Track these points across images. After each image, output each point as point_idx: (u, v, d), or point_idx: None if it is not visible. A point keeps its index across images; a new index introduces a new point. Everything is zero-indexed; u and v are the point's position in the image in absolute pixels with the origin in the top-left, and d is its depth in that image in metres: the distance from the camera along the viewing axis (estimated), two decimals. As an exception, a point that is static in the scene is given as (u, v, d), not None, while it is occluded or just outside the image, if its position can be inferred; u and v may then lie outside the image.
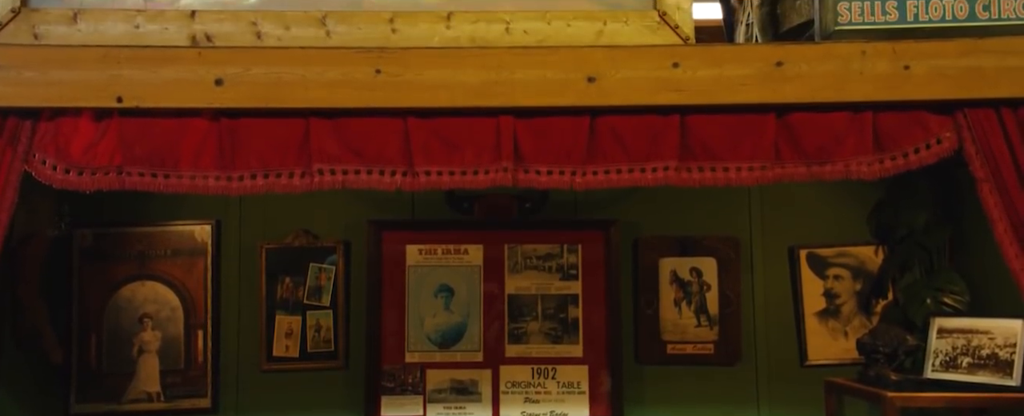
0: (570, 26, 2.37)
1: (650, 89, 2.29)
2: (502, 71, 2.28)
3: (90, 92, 2.21)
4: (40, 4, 2.32)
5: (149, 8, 2.33)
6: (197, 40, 2.31)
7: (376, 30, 2.35)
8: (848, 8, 2.36)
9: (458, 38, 2.35)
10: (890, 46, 2.28)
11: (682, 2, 2.37)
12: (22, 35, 2.28)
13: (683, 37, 2.35)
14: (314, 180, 2.29)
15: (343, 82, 2.26)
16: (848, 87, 2.27)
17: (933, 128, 2.29)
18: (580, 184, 2.33)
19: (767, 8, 2.70)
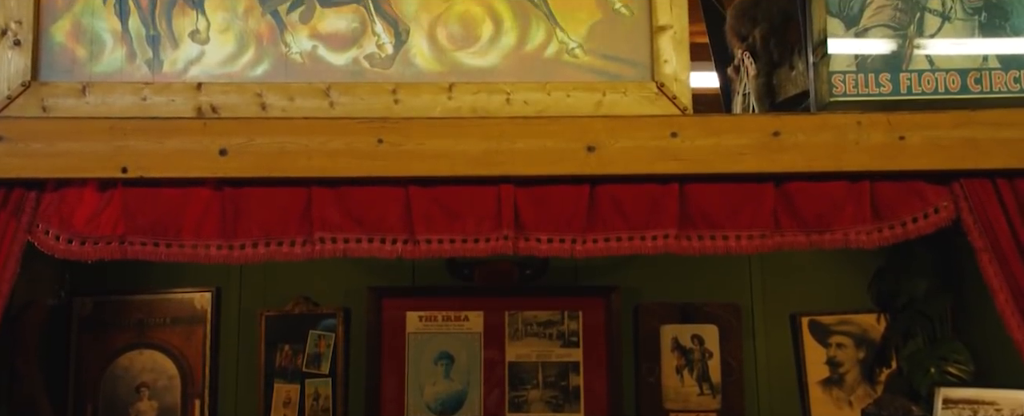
0: (570, 97, 2.41)
1: (649, 158, 2.32)
2: (503, 140, 2.31)
3: (96, 163, 2.24)
4: (50, 78, 2.36)
5: (157, 81, 2.38)
6: (203, 111, 2.35)
7: (379, 101, 2.38)
8: (842, 80, 2.41)
9: (459, 108, 2.39)
10: (885, 117, 2.31)
11: (679, 73, 2.41)
12: (31, 108, 2.31)
13: (681, 107, 2.39)
14: (315, 248, 2.30)
15: (345, 151, 2.29)
16: (845, 157, 2.30)
17: (930, 198, 2.31)
18: (581, 252, 2.33)
19: (763, 79, 2.76)
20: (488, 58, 2.43)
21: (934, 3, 2.44)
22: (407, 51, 2.42)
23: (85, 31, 2.39)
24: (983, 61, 2.41)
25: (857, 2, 2.44)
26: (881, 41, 2.42)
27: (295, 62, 2.41)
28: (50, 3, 2.39)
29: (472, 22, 2.44)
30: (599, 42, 2.43)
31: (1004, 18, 2.42)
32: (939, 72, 2.41)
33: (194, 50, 2.40)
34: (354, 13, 2.43)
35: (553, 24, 2.44)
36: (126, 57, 2.39)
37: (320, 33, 2.42)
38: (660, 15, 2.42)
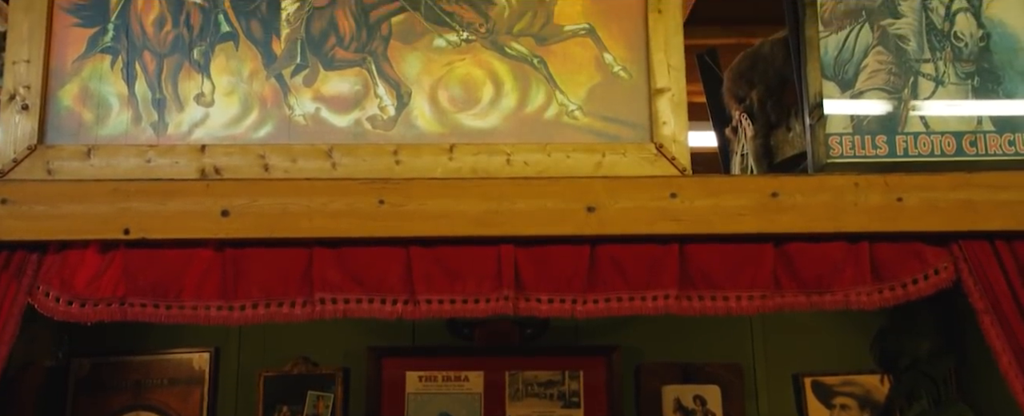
0: (569, 158, 2.43)
1: (649, 219, 2.33)
2: (503, 201, 2.32)
3: (98, 225, 2.25)
4: (56, 140, 2.38)
5: (161, 143, 2.40)
6: (206, 173, 2.37)
7: (380, 162, 2.41)
8: (839, 142, 2.44)
9: (460, 169, 2.41)
10: (882, 179, 2.33)
11: (678, 135, 2.44)
12: (36, 171, 2.34)
13: (680, 168, 2.41)
14: (316, 309, 2.30)
15: (347, 212, 2.30)
16: (843, 218, 2.31)
17: (930, 259, 2.31)
18: (581, 313, 2.33)
19: (760, 140, 2.78)
20: (489, 120, 2.46)
21: (927, 68, 2.49)
22: (409, 113, 2.45)
23: (92, 95, 2.43)
24: (978, 124, 2.44)
25: (852, 65, 2.49)
26: (876, 104, 2.46)
27: (298, 124, 2.44)
28: (59, 68, 2.43)
29: (473, 84, 2.47)
30: (598, 104, 2.46)
31: (996, 82, 2.47)
32: (934, 135, 2.44)
33: (199, 113, 2.44)
34: (357, 76, 2.47)
35: (553, 86, 2.48)
36: (132, 120, 2.43)
37: (323, 95, 2.46)
38: (658, 78, 2.46)
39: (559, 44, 2.50)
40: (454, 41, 2.49)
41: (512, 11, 2.51)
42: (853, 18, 2.52)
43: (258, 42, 2.47)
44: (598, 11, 2.51)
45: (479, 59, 2.48)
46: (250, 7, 2.50)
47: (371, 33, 2.49)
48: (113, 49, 2.46)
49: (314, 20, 2.49)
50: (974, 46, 2.48)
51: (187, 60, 2.46)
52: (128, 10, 2.49)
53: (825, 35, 2.49)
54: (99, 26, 2.46)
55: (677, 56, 2.46)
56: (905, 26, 2.51)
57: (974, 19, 2.50)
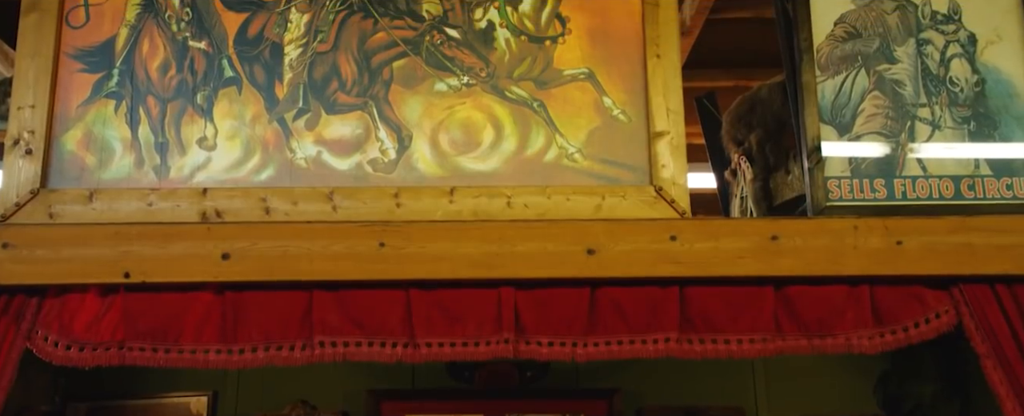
0: (569, 200, 2.44)
1: (649, 261, 2.33)
2: (503, 244, 2.32)
3: (99, 269, 2.25)
4: (58, 185, 2.40)
5: (163, 187, 2.42)
6: (207, 216, 2.37)
7: (381, 205, 2.41)
8: (838, 185, 2.45)
9: (460, 212, 2.42)
10: (882, 222, 2.34)
11: (677, 177, 2.45)
12: (38, 215, 2.34)
13: (679, 211, 2.42)
14: (315, 353, 2.28)
15: (347, 255, 2.30)
16: (843, 261, 2.31)
17: (930, 303, 2.31)
18: (582, 356, 2.32)
19: (760, 183, 2.80)
20: (489, 162, 2.48)
21: (924, 112, 2.51)
22: (409, 156, 2.47)
23: (96, 139, 2.45)
24: (975, 168, 2.46)
25: (849, 110, 2.51)
26: (874, 148, 2.48)
27: (300, 167, 2.45)
28: (63, 113, 2.46)
29: (473, 128, 2.49)
30: (598, 147, 2.48)
31: (993, 127, 2.49)
32: (932, 178, 2.46)
33: (201, 156, 2.45)
34: (358, 119, 2.49)
35: (553, 130, 2.50)
36: (134, 164, 2.44)
37: (325, 139, 2.48)
38: (657, 121, 2.48)
39: (559, 88, 2.52)
40: (455, 85, 2.52)
41: (512, 56, 2.54)
42: (849, 63, 2.55)
43: (261, 87, 2.50)
44: (597, 56, 2.53)
45: (480, 103, 2.51)
46: (253, 52, 2.53)
47: (373, 77, 2.52)
48: (117, 94, 2.49)
49: (317, 65, 2.52)
50: (970, 91, 2.51)
51: (190, 104, 2.48)
52: (133, 56, 2.52)
53: (822, 80, 2.52)
54: (104, 71, 2.50)
55: (676, 100, 2.49)
56: (901, 71, 2.54)
57: (969, 64, 2.53)
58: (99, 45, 2.51)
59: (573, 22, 2.56)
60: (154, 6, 2.56)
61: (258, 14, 2.55)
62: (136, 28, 2.54)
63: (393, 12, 2.55)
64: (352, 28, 2.54)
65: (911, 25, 2.57)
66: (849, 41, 2.55)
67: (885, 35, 2.56)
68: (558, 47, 2.55)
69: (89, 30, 2.52)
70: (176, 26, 2.55)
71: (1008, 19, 2.56)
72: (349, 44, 2.53)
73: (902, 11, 2.58)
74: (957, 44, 2.53)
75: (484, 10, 2.57)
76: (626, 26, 2.55)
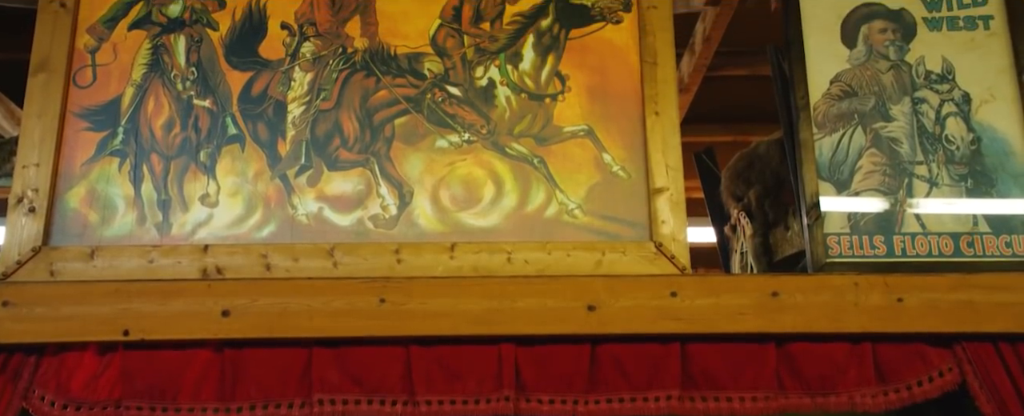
0: (570, 256, 2.44)
1: (650, 318, 2.32)
2: (503, 300, 2.32)
3: (98, 326, 2.25)
4: (60, 242, 2.41)
5: (164, 243, 2.42)
6: (208, 273, 2.38)
7: (382, 260, 2.42)
8: (837, 241, 2.45)
9: (461, 268, 2.42)
10: (882, 279, 2.34)
11: (677, 233, 2.46)
12: (39, 272, 2.35)
13: (680, 267, 2.42)
14: (314, 411, 2.26)
15: (347, 311, 2.30)
16: (844, 318, 2.31)
17: (933, 361, 2.30)
18: (582, 414, 2.29)
19: (759, 238, 2.81)
20: (490, 218, 2.49)
21: (921, 170, 2.53)
22: (410, 212, 2.48)
23: (99, 197, 2.47)
24: (974, 225, 2.47)
25: (846, 167, 2.53)
26: (872, 205, 2.49)
27: (301, 223, 2.46)
28: (67, 171, 2.48)
29: (474, 184, 2.51)
30: (598, 203, 2.49)
31: (990, 185, 2.50)
32: (932, 235, 2.46)
33: (203, 213, 2.46)
34: (360, 176, 2.51)
35: (553, 186, 2.51)
36: (136, 221, 2.45)
37: (326, 195, 2.49)
38: (657, 178, 2.49)
39: (559, 145, 2.55)
40: (456, 142, 2.54)
41: (513, 113, 2.57)
42: (846, 121, 2.58)
43: (264, 144, 2.53)
44: (597, 113, 2.56)
45: (480, 159, 2.53)
46: (257, 110, 2.56)
47: (375, 134, 2.54)
48: (122, 152, 2.51)
49: (319, 122, 2.55)
50: (966, 149, 2.53)
51: (194, 162, 2.50)
52: (138, 114, 2.55)
53: (819, 137, 2.55)
54: (109, 130, 2.52)
55: (675, 157, 2.51)
56: (897, 129, 2.57)
57: (964, 123, 2.56)
58: (105, 104, 2.55)
59: (572, 80, 2.60)
60: (160, 66, 2.60)
61: (262, 73, 2.59)
62: (142, 87, 2.58)
63: (395, 71, 2.59)
64: (355, 86, 2.58)
65: (906, 84, 2.61)
66: (845, 99, 2.59)
67: (880, 94, 2.59)
68: (558, 104, 2.58)
69: (95, 89, 2.56)
70: (181, 85, 2.58)
71: (1001, 79, 2.60)
72: (351, 102, 2.57)
73: (896, 70, 2.62)
74: (952, 103, 2.57)
75: (485, 68, 2.61)
76: (625, 84, 2.58)
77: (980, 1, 2.66)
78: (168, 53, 2.60)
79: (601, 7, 2.65)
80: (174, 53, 2.60)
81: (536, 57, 2.61)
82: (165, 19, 2.63)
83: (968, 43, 2.63)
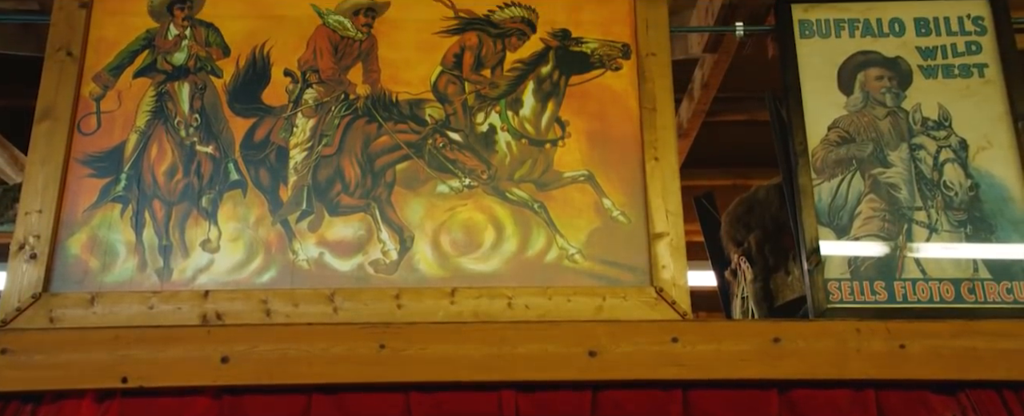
0: (570, 301, 2.44)
1: (651, 363, 2.31)
2: (504, 345, 2.31)
3: (96, 373, 2.23)
4: (61, 289, 2.41)
5: (165, 289, 2.42)
6: (208, 319, 2.37)
7: (382, 306, 2.41)
8: (838, 287, 2.45)
9: (461, 313, 2.41)
10: (884, 325, 2.33)
11: (677, 279, 2.45)
12: (39, 319, 2.34)
13: (680, 312, 2.41)
14: (313, 457, 2.24)
15: (347, 357, 2.28)
16: (847, 364, 2.29)
17: (937, 409, 2.27)
18: (585, 460, 2.27)
19: (760, 283, 2.80)
20: (490, 263, 2.49)
21: (920, 215, 2.53)
22: (411, 257, 2.48)
23: (100, 243, 2.47)
24: (974, 271, 2.46)
25: (846, 212, 2.54)
26: (872, 250, 2.50)
27: (302, 268, 2.46)
28: (69, 217, 2.49)
29: (475, 229, 2.51)
30: (598, 248, 2.49)
31: (989, 231, 2.51)
32: (932, 281, 2.46)
33: (204, 258, 2.47)
34: (361, 221, 2.52)
35: (553, 231, 2.52)
36: (137, 267, 2.45)
37: (327, 240, 2.50)
38: (657, 223, 2.50)
39: (559, 190, 2.56)
40: (457, 187, 2.56)
41: (513, 158, 2.59)
42: (844, 166, 2.60)
43: (266, 189, 2.54)
44: (596, 158, 2.58)
45: (481, 204, 2.54)
46: (259, 156, 2.58)
47: (376, 180, 2.56)
48: (124, 198, 2.52)
49: (321, 168, 2.57)
50: (964, 195, 2.54)
51: (195, 207, 2.51)
52: (141, 161, 2.57)
53: (818, 183, 2.56)
54: (112, 176, 2.54)
55: (675, 202, 2.52)
56: (895, 175, 2.58)
57: (962, 169, 2.57)
58: (109, 151, 2.57)
59: (572, 126, 2.62)
60: (164, 112, 2.62)
61: (265, 119, 2.62)
62: (146, 134, 2.60)
63: (397, 116, 2.62)
64: (356, 132, 2.60)
65: (903, 131, 2.63)
66: (843, 145, 2.61)
67: (878, 140, 2.61)
68: (558, 150, 2.60)
69: (99, 136, 2.58)
70: (184, 132, 2.61)
71: (997, 127, 2.61)
72: (353, 147, 2.59)
73: (893, 117, 2.64)
74: (949, 149, 2.58)
75: (486, 114, 2.63)
76: (624, 130, 2.60)
77: (974, 50, 2.70)
78: (172, 100, 2.63)
79: (600, 54, 2.68)
80: (178, 100, 2.63)
81: (536, 103, 2.64)
82: (170, 67, 2.67)
83: (964, 90, 2.66)
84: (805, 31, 2.72)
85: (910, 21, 2.73)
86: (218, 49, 2.68)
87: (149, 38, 2.69)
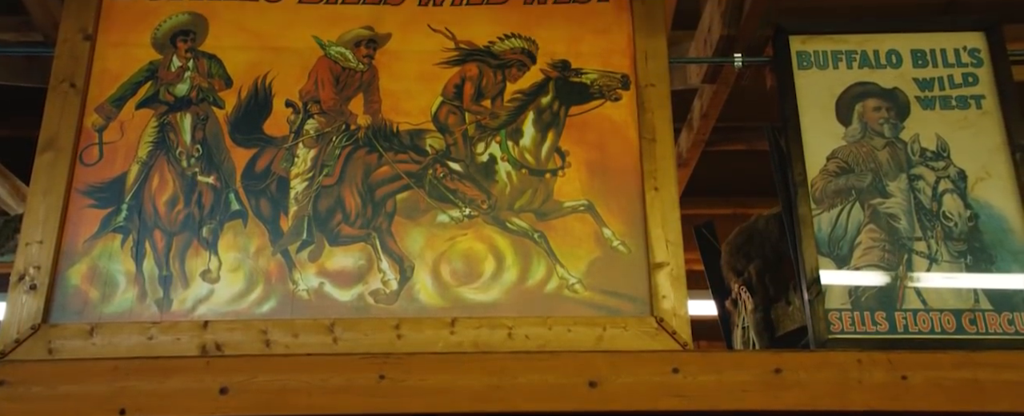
0: (570, 331, 2.43)
1: (652, 394, 2.29)
2: (504, 376, 2.30)
3: (94, 405, 2.22)
4: (60, 320, 2.40)
5: (164, 320, 2.42)
6: (207, 349, 2.36)
7: (382, 336, 2.41)
8: (839, 317, 2.45)
9: (461, 343, 2.40)
10: (885, 356, 2.32)
11: (678, 309, 2.45)
12: (37, 351, 2.33)
13: (681, 343, 2.41)
14: (311, 491, 2.22)
15: (347, 388, 2.27)
16: (849, 395, 2.28)
17: (940, 441, 2.27)
18: (585, 493, 2.25)
19: (761, 313, 2.79)
20: (490, 293, 2.48)
21: (920, 246, 2.53)
22: (411, 287, 2.48)
23: (100, 273, 2.47)
24: (975, 302, 2.46)
25: (846, 242, 2.54)
26: (873, 281, 2.49)
27: (301, 299, 2.46)
28: (70, 248, 2.48)
29: (475, 259, 2.51)
30: (599, 278, 2.49)
31: (989, 262, 2.50)
32: (933, 312, 2.45)
33: (204, 289, 2.46)
34: (361, 251, 2.52)
35: (553, 260, 2.51)
36: (137, 297, 2.45)
37: (327, 270, 2.49)
38: (657, 253, 2.50)
39: (559, 219, 2.56)
40: (457, 217, 2.56)
41: (513, 188, 2.60)
42: (844, 197, 2.60)
43: (266, 219, 2.54)
44: (596, 188, 2.59)
45: (481, 234, 2.54)
46: (260, 186, 2.59)
47: (376, 210, 2.56)
48: (124, 228, 2.52)
49: (322, 198, 2.57)
50: (964, 226, 2.54)
51: (196, 238, 2.51)
52: (143, 191, 2.57)
53: (817, 212, 2.56)
54: (113, 207, 2.54)
55: (675, 232, 2.52)
56: (895, 205, 2.59)
57: (961, 200, 2.57)
58: (110, 181, 2.57)
59: (572, 156, 2.63)
60: (166, 143, 2.64)
61: (266, 150, 2.63)
62: (147, 164, 2.61)
63: (397, 147, 2.63)
64: (357, 162, 2.61)
65: (901, 161, 2.63)
66: (842, 176, 2.61)
67: (877, 170, 2.62)
68: (558, 180, 2.61)
69: (101, 167, 2.59)
70: (186, 162, 2.62)
71: (995, 157, 2.62)
72: (354, 177, 2.60)
73: (892, 148, 2.65)
74: (948, 180, 2.59)
75: (486, 144, 2.64)
76: (624, 160, 2.61)
77: (971, 81, 2.72)
78: (174, 131, 2.65)
79: (600, 85, 2.70)
80: (180, 131, 2.65)
81: (536, 133, 2.65)
82: (172, 98, 2.69)
83: (961, 121, 2.67)
84: (803, 62, 2.74)
85: (907, 53, 2.76)
86: (220, 80, 2.70)
87: (152, 69, 2.71)
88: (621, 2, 2.79)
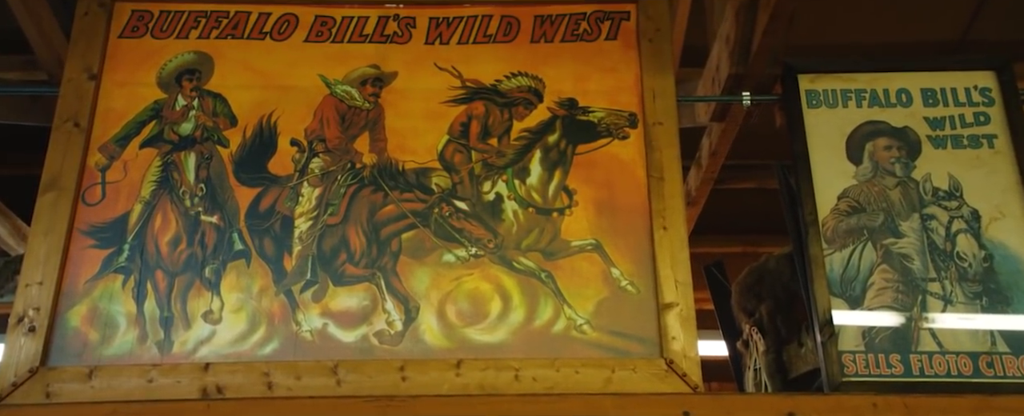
0: (578, 373, 2.39)
1: (662, 438, 2.25)
2: (511, 419, 2.26)
3: (92, 450, 2.19)
4: (59, 362, 2.36)
5: (165, 362, 2.38)
6: (208, 392, 2.32)
7: (386, 378, 2.36)
8: (853, 360, 2.40)
9: (467, 385, 2.36)
10: (901, 400, 2.27)
11: (688, 350, 2.40)
12: (35, 394, 2.29)
13: (691, 385, 2.36)
14: None
15: (350, 432, 2.23)
16: (864, 440, 2.23)
17: (959, 488, 2.21)
18: None
19: (772, 355, 2.75)
20: (497, 334, 2.45)
21: (934, 287, 2.49)
22: (416, 328, 2.44)
23: (100, 315, 2.44)
24: (992, 344, 2.41)
25: (858, 283, 2.50)
26: (887, 322, 2.45)
27: (305, 340, 2.42)
28: (70, 289, 2.46)
29: (481, 299, 2.48)
30: (607, 318, 2.45)
31: (1006, 303, 2.46)
32: (949, 354, 2.41)
33: (206, 330, 2.43)
34: (366, 291, 2.49)
35: (561, 301, 2.48)
36: (137, 339, 2.42)
37: (331, 311, 2.46)
38: (666, 293, 2.46)
39: (566, 259, 2.53)
40: (463, 256, 2.53)
41: (520, 227, 2.57)
42: (855, 236, 2.56)
43: (270, 259, 2.52)
44: (604, 227, 2.56)
45: (487, 273, 2.51)
46: (264, 226, 2.56)
47: (381, 249, 2.54)
48: (126, 269, 2.50)
49: (326, 237, 2.55)
50: (978, 266, 2.50)
51: (198, 278, 2.49)
52: (145, 231, 2.55)
53: (829, 252, 2.53)
54: (115, 247, 2.52)
55: (684, 272, 2.48)
56: (908, 245, 2.55)
57: (975, 240, 2.54)
58: (112, 221, 2.55)
59: (580, 194, 2.60)
60: (169, 182, 2.62)
61: (271, 189, 2.61)
62: (151, 204, 2.59)
63: (403, 185, 2.61)
64: (362, 201, 2.59)
65: (914, 201, 2.60)
66: (853, 215, 2.58)
67: (889, 210, 2.59)
68: (565, 219, 2.58)
69: (104, 207, 2.57)
70: (189, 201, 2.60)
71: (1009, 197, 2.59)
72: (359, 216, 2.57)
73: (904, 187, 2.63)
74: (961, 220, 2.56)
75: (492, 183, 2.62)
76: (632, 199, 2.59)
77: (983, 120, 2.70)
78: (178, 170, 2.63)
79: (607, 123, 2.68)
80: (184, 170, 2.63)
81: (543, 172, 2.63)
82: (177, 137, 2.68)
83: (974, 160, 2.65)
84: (812, 101, 2.72)
85: (917, 92, 2.74)
86: (225, 119, 2.70)
87: (157, 108, 2.71)
88: (629, 40, 2.79)
